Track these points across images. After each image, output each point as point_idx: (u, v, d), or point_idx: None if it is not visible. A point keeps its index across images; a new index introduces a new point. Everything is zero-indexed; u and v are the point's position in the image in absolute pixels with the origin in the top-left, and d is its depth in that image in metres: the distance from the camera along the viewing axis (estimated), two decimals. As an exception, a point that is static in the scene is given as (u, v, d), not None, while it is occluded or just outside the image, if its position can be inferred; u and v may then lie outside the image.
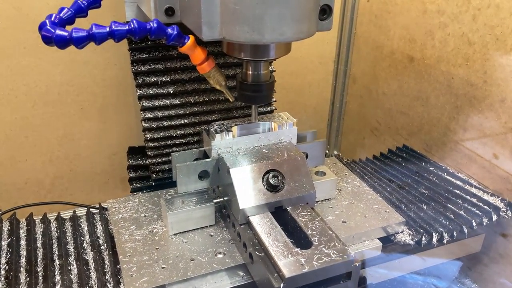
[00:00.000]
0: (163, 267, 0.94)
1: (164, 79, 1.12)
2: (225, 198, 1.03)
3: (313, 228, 0.93)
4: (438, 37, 1.32)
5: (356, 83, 1.74)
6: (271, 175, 0.98)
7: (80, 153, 1.50)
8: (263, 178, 0.98)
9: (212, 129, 1.04)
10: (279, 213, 0.98)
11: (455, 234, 1.10)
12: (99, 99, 1.44)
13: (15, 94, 1.34)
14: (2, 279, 0.94)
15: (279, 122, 1.08)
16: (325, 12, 0.88)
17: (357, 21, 1.65)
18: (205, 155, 1.08)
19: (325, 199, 1.18)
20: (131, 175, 1.26)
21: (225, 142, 1.03)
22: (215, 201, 1.05)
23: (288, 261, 0.84)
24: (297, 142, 1.11)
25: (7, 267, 0.97)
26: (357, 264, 0.86)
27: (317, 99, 1.80)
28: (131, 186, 1.25)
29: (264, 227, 0.93)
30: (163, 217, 1.07)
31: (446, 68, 1.31)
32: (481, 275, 1.31)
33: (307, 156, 1.13)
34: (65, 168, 1.50)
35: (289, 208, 0.99)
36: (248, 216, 0.96)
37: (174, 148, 1.20)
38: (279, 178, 0.98)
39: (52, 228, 1.11)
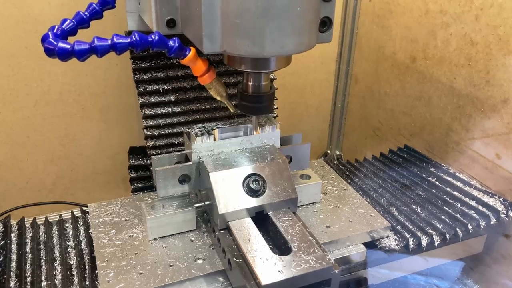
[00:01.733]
0: (141, 273, 0.92)
1: (165, 87, 1.12)
2: (206, 203, 1.02)
3: (293, 233, 0.91)
4: (441, 37, 1.32)
5: (358, 83, 1.73)
6: (252, 179, 0.97)
7: (81, 153, 1.50)
8: (243, 183, 0.97)
9: (193, 132, 1.02)
10: (260, 218, 0.96)
11: (447, 237, 1.09)
12: (101, 99, 1.44)
13: (17, 93, 1.34)
14: None
15: (262, 124, 1.06)
16: (325, 24, 0.88)
17: (359, 21, 1.65)
18: (187, 158, 1.07)
19: (310, 203, 1.16)
20: (132, 175, 1.25)
21: (206, 146, 1.01)
22: (196, 205, 1.03)
23: (265, 268, 0.83)
24: (281, 145, 1.09)
25: (0, 270, 0.97)
26: (336, 271, 0.84)
27: (319, 99, 1.80)
28: (132, 186, 1.25)
29: (244, 233, 0.92)
30: (143, 221, 1.05)
31: (449, 68, 1.31)
32: (483, 276, 1.30)
33: (291, 160, 1.11)
34: (66, 168, 1.50)
35: (270, 213, 0.97)
36: (228, 221, 0.94)
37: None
38: (260, 183, 0.97)
39: (41, 233, 1.10)
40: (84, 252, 1.04)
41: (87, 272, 0.98)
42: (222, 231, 0.95)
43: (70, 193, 1.54)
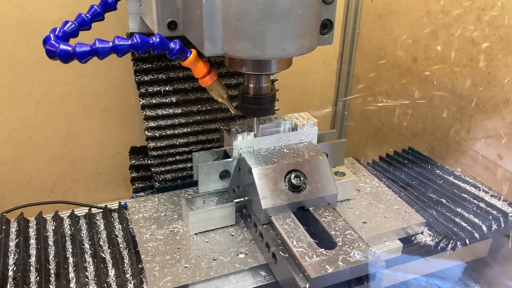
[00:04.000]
0: (186, 267, 0.95)
1: (167, 89, 1.13)
2: (246, 198, 1.04)
3: (337, 228, 0.93)
4: (442, 38, 1.32)
5: (360, 83, 1.73)
6: (293, 175, 0.98)
7: (83, 152, 1.50)
8: (285, 178, 0.98)
9: (233, 129, 1.04)
10: (301, 214, 0.98)
11: (467, 242, 1.09)
12: (102, 98, 1.44)
13: (18, 93, 1.34)
14: (10, 280, 0.94)
15: (300, 122, 1.08)
16: (326, 26, 0.88)
17: (360, 21, 1.64)
18: (225, 155, 1.08)
19: (345, 200, 1.18)
20: (133, 175, 1.26)
21: (246, 142, 1.03)
22: (235, 200, 1.05)
23: (312, 261, 0.84)
24: (317, 142, 1.11)
25: (14, 268, 0.97)
26: (381, 264, 0.86)
27: (320, 99, 1.80)
28: (133, 186, 1.25)
29: (287, 227, 0.93)
30: (184, 216, 1.08)
31: (450, 68, 1.31)
32: (484, 277, 1.30)
33: (327, 156, 1.12)
34: (68, 167, 1.50)
35: (311, 209, 0.99)
36: (270, 216, 0.96)
37: (177, 157, 1.20)
38: (301, 179, 0.98)
39: (65, 226, 1.11)
40: (121, 246, 1.04)
41: (126, 265, 0.98)
42: (264, 226, 0.96)
43: (71, 193, 1.54)
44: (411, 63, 1.45)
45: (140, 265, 0.97)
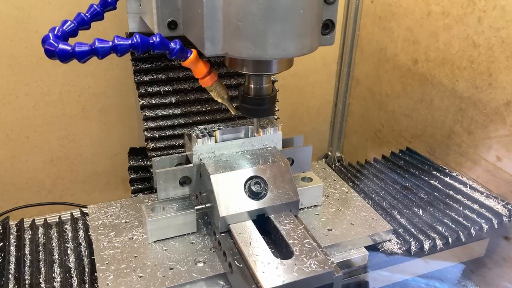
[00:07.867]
0: (141, 276, 0.92)
1: (166, 89, 1.12)
2: (207, 205, 1.01)
3: (295, 237, 0.91)
4: (443, 39, 1.31)
5: (359, 85, 1.73)
6: (253, 182, 0.96)
7: (81, 153, 1.49)
8: (245, 185, 0.96)
9: (194, 134, 1.01)
10: (262, 221, 0.96)
11: (450, 241, 1.08)
12: (101, 99, 1.44)
13: (16, 94, 1.33)
14: None
15: (263, 126, 1.05)
16: (328, 27, 0.87)
17: (360, 22, 1.64)
18: (188, 160, 1.06)
19: (311, 206, 1.15)
20: (131, 176, 1.25)
21: (207, 147, 1.00)
22: (196, 207, 1.02)
23: (267, 272, 0.82)
24: (282, 147, 1.08)
25: None
26: (338, 275, 0.84)
27: (319, 101, 1.79)
28: (132, 188, 1.25)
29: (245, 236, 0.91)
30: (143, 223, 1.04)
31: (451, 70, 1.30)
32: (483, 278, 1.30)
33: (292, 162, 1.10)
34: (66, 168, 1.49)
35: (271, 216, 0.96)
36: (229, 224, 0.94)
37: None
38: (262, 185, 0.96)
39: (40, 235, 1.10)
40: (83, 254, 1.03)
41: (86, 274, 0.97)
42: (223, 234, 0.94)
43: (69, 194, 1.53)
44: (411, 65, 1.45)
45: (95, 274, 0.94)
